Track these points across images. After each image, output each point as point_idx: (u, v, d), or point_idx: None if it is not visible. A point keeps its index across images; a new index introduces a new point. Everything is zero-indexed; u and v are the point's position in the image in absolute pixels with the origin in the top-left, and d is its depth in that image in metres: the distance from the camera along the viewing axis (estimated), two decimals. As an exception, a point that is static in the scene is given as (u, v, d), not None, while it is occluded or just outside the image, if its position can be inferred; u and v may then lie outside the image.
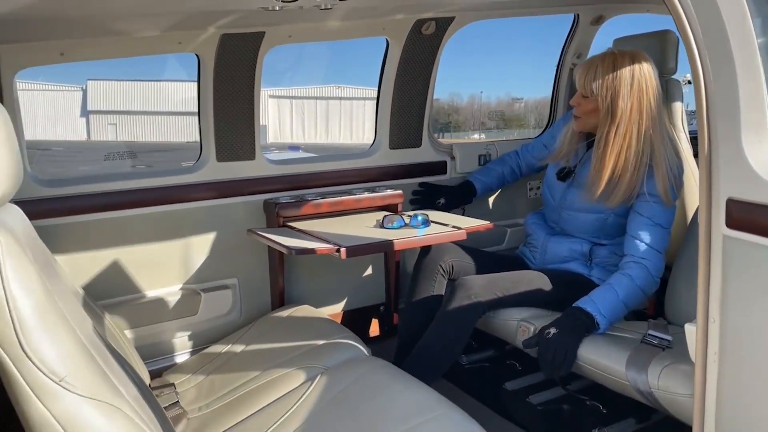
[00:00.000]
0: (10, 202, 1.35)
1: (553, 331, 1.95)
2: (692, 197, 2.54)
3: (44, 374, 1.04)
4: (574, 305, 2.02)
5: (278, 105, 18.08)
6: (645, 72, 2.07)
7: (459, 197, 2.73)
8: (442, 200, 2.70)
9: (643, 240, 2.08)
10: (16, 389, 1.05)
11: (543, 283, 2.22)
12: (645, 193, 2.09)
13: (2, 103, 1.57)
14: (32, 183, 2.04)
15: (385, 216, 2.33)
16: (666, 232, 2.10)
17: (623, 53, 2.10)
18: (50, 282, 1.19)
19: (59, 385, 1.05)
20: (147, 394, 1.50)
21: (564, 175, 2.32)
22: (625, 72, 2.06)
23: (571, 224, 2.31)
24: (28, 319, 1.04)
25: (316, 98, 19.79)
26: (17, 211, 1.35)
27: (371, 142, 2.76)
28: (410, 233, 2.22)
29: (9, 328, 1.02)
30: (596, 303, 1.99)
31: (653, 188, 2.08)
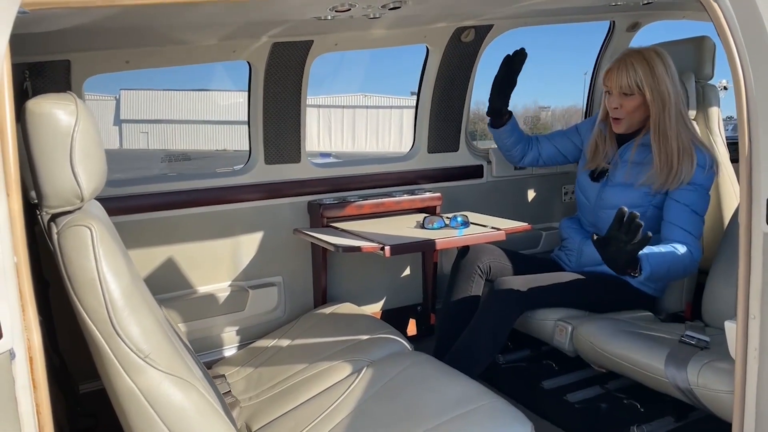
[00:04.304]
0: None
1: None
2: (729, 200, 2.56)
3: (131, 350, 1.14)
4: None
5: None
6: (667, 57, 2.23)
7: (501, 97, 2.51)
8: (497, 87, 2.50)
9: (682, 226, 2.13)
10: (106, 363, 1.15)
11: (579, 284, 2.26)
12: (684, 180, 2.16)
13: None
14: None
15: (426, 217, 2.40)
16: (701, 220, 2.17)
17: (639, 48, 2.24)
18: (129, 268, 1.29)
19: (144, 360, 1.15)
20: (209, 378, 1.59)
21: (598, 175, 2.38)
22: (656, 60, 2.20)
23: (609, 223, 2.34)
24: (117, 300, 1.13)
25: (343, 107, 19.97)
26: (99, 205, 1.46)
27: (408, 147, 2.84)
28: (450, 233, 2.30)
29: (101, 306, 1.12)
30: (647, 253, 1.97)
31: (693, 176, 2.14)
